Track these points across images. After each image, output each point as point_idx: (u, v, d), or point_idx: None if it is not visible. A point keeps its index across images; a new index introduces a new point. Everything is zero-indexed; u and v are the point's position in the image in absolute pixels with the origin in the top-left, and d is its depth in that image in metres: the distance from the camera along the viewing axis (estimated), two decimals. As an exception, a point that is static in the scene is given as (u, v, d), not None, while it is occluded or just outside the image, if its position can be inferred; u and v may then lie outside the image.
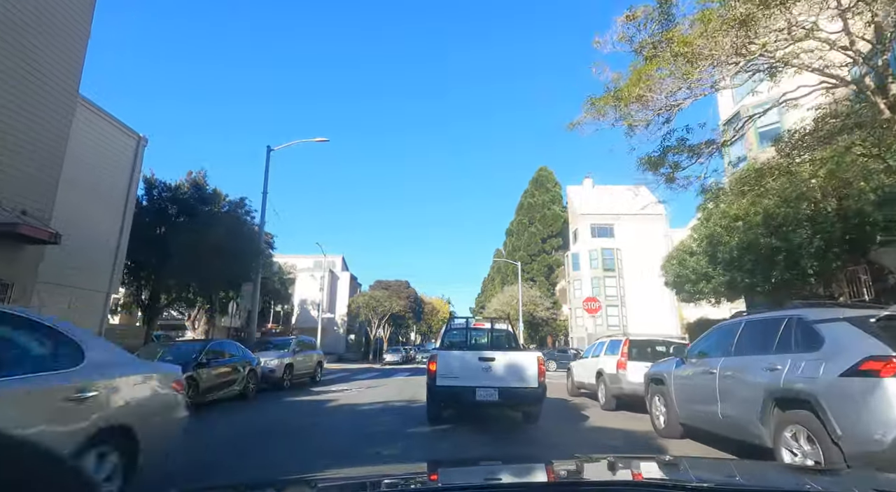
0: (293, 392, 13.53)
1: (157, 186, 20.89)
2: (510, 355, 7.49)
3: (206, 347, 10.24)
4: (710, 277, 13.55)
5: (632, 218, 47.64)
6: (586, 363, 11.90)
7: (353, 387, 15.25)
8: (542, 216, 53.98)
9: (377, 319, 50.09)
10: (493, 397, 7.05)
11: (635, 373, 9.32)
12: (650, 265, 45.56)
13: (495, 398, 7.05)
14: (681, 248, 15.13)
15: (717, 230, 13.09)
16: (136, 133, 18.43)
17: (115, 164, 17.48)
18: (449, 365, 7.26)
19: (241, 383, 11.49)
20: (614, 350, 10.32)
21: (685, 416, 6.44)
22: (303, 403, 11.32)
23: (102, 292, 17.03)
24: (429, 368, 7.46)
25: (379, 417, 8.93)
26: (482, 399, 7.05)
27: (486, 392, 7.05)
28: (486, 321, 10.70)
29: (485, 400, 7.06)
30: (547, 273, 53.09)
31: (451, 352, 7.69)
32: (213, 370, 10.11)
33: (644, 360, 9.54)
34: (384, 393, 13.30)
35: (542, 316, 46.78)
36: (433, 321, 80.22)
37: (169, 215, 20.53)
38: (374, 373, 24.60)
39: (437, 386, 7.21)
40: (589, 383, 11.46)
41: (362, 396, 12.59)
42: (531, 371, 7.21)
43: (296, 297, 53.34)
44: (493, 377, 7.16)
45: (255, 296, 18.28)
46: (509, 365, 7.26)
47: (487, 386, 7.07)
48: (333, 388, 15.01)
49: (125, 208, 17.83)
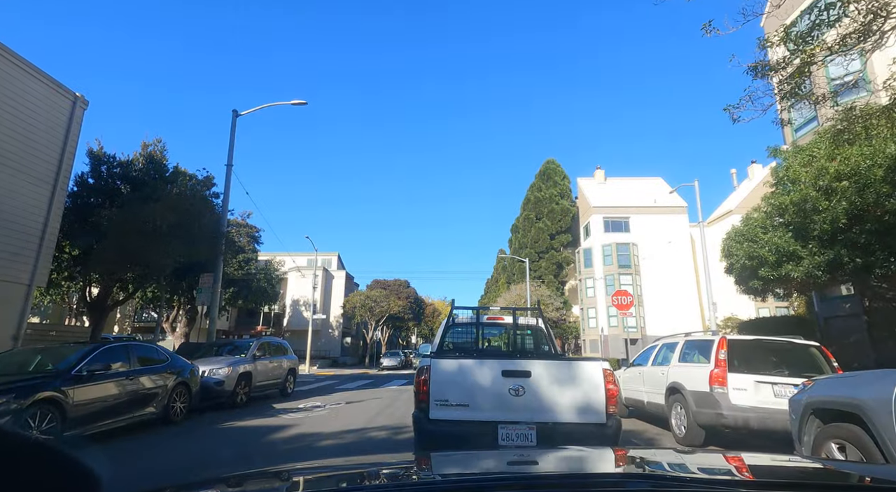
0: (247, 411, 10.20)
1: (105, 160, 17.62)
2: (556, 367, 4.49)
3: (91, 354, 6.89)
4: (798, 258, 10.18)
5: (649, 211, 44.28)
6: (644, 373, 8.53)
7: (328, 403, 11.89)
8: (550, 211, 50.52)
9: (374, 320, 46.69)
10: (529, 441, 4.15)
11: (744, 391, 5.97)
12: (670, 262, 42.27)
13: (532, 443, 4.14)
14: (750, 223, 11.73)
15: (810, 194, 9.73)
16: (70, 92, 15.15)
17: (41, 128, 14.22)
18: (450, 383, 4.44)
19: (161, 402, 8.17)
20: (698, 355, 6.98)
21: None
22: (245, 431, 7.99)
23: (22, 284, 13.74)
24: (417, 387, 4.61)
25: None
26: (509, 444, 4.12)
27: (516, 432, 4.18)
28: (505, 314, 6.99)
29: (513, 445, 4.12)
30: (556, 271, 49.60)
31: (453, 361, 4.75)
32: (100, 386, 6.78)
33: (754, 370, 6.20)
34: (365, 413, 9.95)
35: (552, 317, 43.30)
36: (435, 324, 76.84)
37: (119, 195, 17.26)
38: (365, 381, 21.21)
39: (429, 420, 4.37)
40: (651, 403, 8.08)
41: (333, 418, 9.23)
42: (595, 394, 4.31)
43: (287, 297, 50.02)
44: (526, 406, 4.31)
45: (214, 289, 14.96)
46: (554, 384, 4.38)
47: (518, 421, 4.21)
48: (303, 403, 11.65)
49: (55, 183, 14.51)
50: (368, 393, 14.98)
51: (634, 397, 8.89)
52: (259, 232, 36.14)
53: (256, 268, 34.88)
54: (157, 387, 8.10)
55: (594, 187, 48.53)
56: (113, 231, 14.27)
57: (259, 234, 36.12)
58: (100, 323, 17.68)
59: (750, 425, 5.73)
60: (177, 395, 8.68)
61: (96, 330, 17.50)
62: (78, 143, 15.58)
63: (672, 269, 41.55)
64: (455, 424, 4.36)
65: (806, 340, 6.63)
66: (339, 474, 1.61)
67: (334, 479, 1.55)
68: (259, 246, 36.55)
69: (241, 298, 33.25)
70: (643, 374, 8.52)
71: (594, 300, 43.13)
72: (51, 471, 0.72)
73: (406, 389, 16.50)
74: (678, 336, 8.14)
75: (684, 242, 43.11)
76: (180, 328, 31.83)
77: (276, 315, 50.59)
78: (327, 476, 1.61)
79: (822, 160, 9.80)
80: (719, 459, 1.94)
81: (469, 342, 6.65)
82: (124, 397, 7.26)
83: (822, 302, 15.02)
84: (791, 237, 10.46)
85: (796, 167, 10.35)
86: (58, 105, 14.81)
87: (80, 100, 15.38)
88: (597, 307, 42.73)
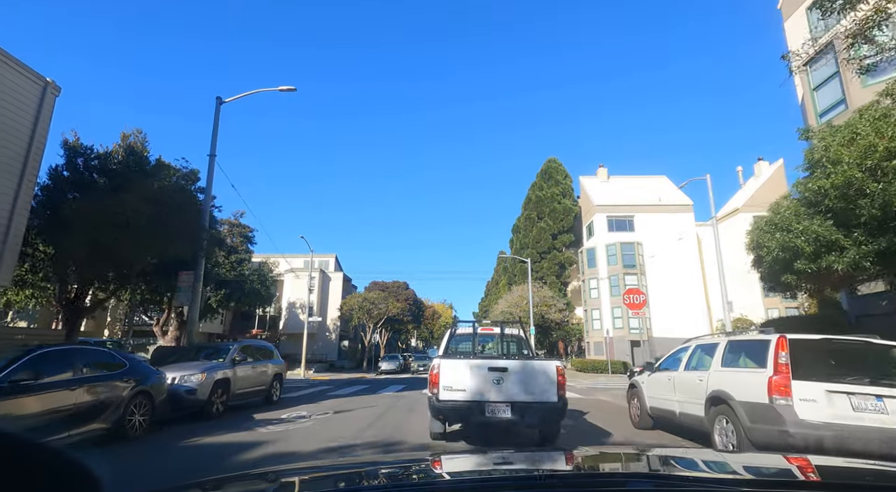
0: (221, 424, 9.02)
1: (81, 152, 16.47)
2: (524, 365, 6.48)
3: (19, 361, 5.72)
4: (841, 248, 9.03)
5: (654, 210, 43.16)
6: (675, 380, 7.37)
7: (315, 412, 10.72)
8: (552, 210, 49.37)
9: (372, 323, 45.45)
10: (506, 414, 6.17)
11: (813, 403, 4.83)
12: (677, 262, 41.06)
13: (508, 415, 6.17)
14: (781, 212, 10.58)
15: (855, 175, 8.59)
16: (40, 77, 14.02)
17: (6, 114, 13.12)
18: (453, 376, 6.37)
19: (114, 415, 7.01)
20: (746, 358, 5.83)
21: None
22: (209, 449, 6.81)
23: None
24: (430, 379, 6.55)
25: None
26: (492, 416, 6.19)
27: (498, 408, 6.20)
28: (495, 326, 9.00)
29: (495, 417, 6.18)
30: (558, 272, 48.41)
31: (455, 361, 6.60)
32: (27, 400, 5.63)
33: (824, 377, 5.05)
34: (353, 425, 8.78)
35: (554, 318, 42.09)
36: (435, 327, 75.52)
37: (97, 190, 16.11)
38: (361, 386, 20.01)
39: (439, 400, 6.30)
40: (685, 414, 6.91)
41: (316, 433, 8.06)
42: (549, 383, 6.26)
43: (284, 300, 48.82)
44: (505, 391, 6.27)
45: (195, 289, 13.79)
46: (524, 376, 6.33)
47: (499, 401, 6.22)
48: (287, 413, 10.48)
49: (22, 174, 13.36)
50: (361, 400, 13.82)
51: (662, 407, 7.72)
52: (253, 232, 34.98)
53: (250, 269, 33.63)
54: (109, 398, 6.93)
55: (597, 186, 47.40)
56: (81, 224, 13.11)
57: (253, 234, 34.98)
58: (75, 325, 16.50)
59: (824, 445, 4.57)
60: (136, 406, 7.52)
61: (71, 333, 16.28)
62: (49, 131, 14.44)
63: (678, 269, 40.36)
64: (456, 403, 6.23)
65: (885, 340, 5.47)
66: (338, 475, 1.60)
67: (331, 479, 1.55)
68: (253, 246, 35.38)
69: (234, 300, 31.97)
70: (674, 380, 7.34)
71: (598, 301, 41.93)
72: (51, 472, 0.72)
73: (402, 396, 15.34)
74: (717, 337, 6.99)
75: (691, 241, 41.94)
76: (172, 332, 30.66)
77: (272, 318, 49.37)
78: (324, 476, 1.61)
79: (869, 137, 8.66)
80: (721, 458, 1.99)
81: (468, 348, 8.34)
82: (63, 410, 6.09)
83: (853, 300, 13.87)
84: (832, 225, 9.32)
85: (836, 147, 9.21)
86: (26, 91, 13.67)
87: (51, 86, 14.27)
88: (601, 309, 41.53)
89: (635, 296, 14.91)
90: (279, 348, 52.43)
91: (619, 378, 32.06)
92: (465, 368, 6.33)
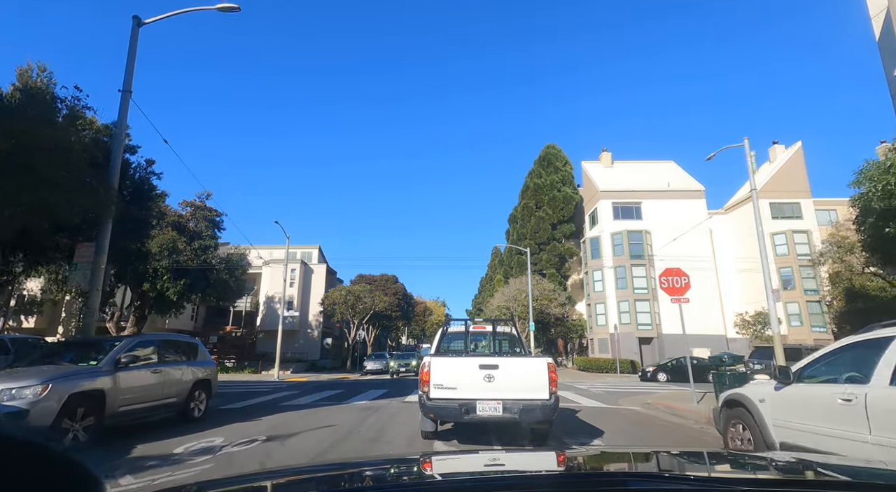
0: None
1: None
2: (515, 362, 6.45)
3: None
4: None
5: (662, 196, 39.96)
6: (857, 402, 3.95)
7: (236, 440, 7.22)
8: (552, 199, 45.95)
9: (357, 318, 41.89)
10: (497, 412, 6.09)
11: None
12: (687, 251, 37.82)
13: (499, 413, 6.09)
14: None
15: None
16: None
17: None
18: (444, 374, 6.29)
19: None
20: None
21: None
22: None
23: None
24: (420, 377, 6.46)
25: None
26: (484, 414, 6.09)
27: (489, 406, 6.11)
28: (487, 324, 8.90)
29: (487, 415, 6.09)
30: (558, 264, 45.04)
31: (446, 358, 6.53)
32: None
33: None
34: (285, 463, 5.31)
35: (555, 313, 38.75)
36: (426, 324, 72.05)
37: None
38: (332, 392, 16.49)
39: (430, 399, 6.22)
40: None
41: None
42: (541, 380, 6.19)
43: (262, 294, 45.10)
44: (496, 388, 6.18)
45: (97, 266, 10.22)
46: (515, 373, 6.28)
47: (490, 399, 6.13)
48: (189, 443, 6.97)
49: None
50: (322, 414, 10.36)
51: (820, 449, 4.30)
52: (221, 216, 31.09)
53: (217, 258, 29.74)
54: None
55: (601, 171, 44.13)
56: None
57: (221, 218, 31.12)
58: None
59: None
60: None
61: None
62: None
63: (689, 259, 37.18)
64: (447, 402, 6.25)
65: None
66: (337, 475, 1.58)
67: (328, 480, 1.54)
68: (221, 233, 31.52)
69: (198, 292, 28.21)
70: (856, 403, 3.94)
71: (602, 295, 38.67)
72: (52, 473, 0.71)
73: (378, 406, 11.90)
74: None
75: (703, 230, 38.74)
76: (129, 328, 26.88)
77: (248, 314, 45.65)
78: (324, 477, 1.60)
79: None
80: (722, 458, 2.01)
81: (460, 346, 8.46)
82: None
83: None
84: None
85: None
86: None
87: None
88: (606, 303, 38.28)
89: (676, 278, 11.47)
90: (255, 347, 47.88)
91: (628, 379, 28.74)
92: (456, 365, 6.42)
